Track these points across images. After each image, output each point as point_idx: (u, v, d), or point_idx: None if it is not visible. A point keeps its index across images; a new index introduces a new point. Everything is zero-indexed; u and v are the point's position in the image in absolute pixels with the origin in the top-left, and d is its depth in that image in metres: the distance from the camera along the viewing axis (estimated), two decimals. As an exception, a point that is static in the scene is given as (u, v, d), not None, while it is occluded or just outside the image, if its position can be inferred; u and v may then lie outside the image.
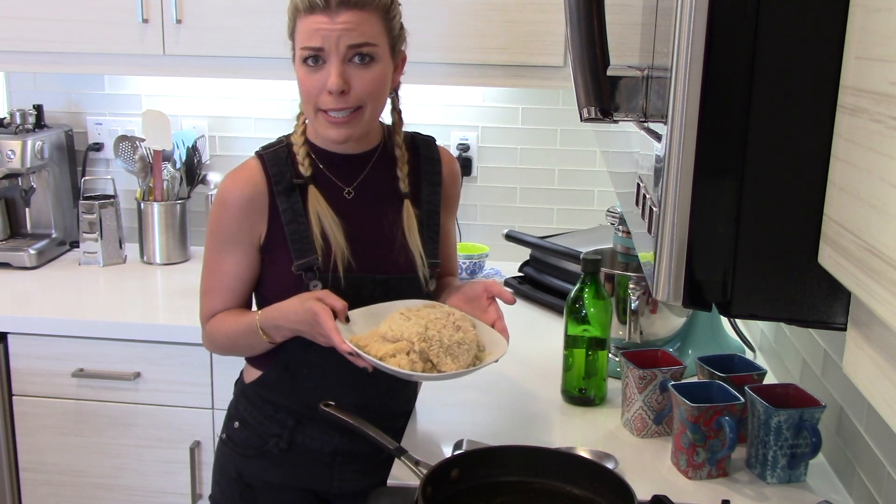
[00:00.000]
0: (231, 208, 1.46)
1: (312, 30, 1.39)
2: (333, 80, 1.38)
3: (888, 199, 0.46)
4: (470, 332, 1.42)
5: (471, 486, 1.26)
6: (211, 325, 1.53)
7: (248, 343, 1.49)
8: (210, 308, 1.53)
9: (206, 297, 1.54)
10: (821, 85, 0.56)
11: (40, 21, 2.25)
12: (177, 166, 2.53)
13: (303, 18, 1.40)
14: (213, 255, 1.51)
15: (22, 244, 2.49)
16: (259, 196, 1.45)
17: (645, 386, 1.52)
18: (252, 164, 1.48)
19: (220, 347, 1.56)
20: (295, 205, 1.46)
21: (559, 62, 2.14)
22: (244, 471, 1.55)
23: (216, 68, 2.25)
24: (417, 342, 1.34)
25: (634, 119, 0.84)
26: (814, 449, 1.37)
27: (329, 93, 1.39)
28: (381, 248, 1.49)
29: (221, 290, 1.51)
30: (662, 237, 0.62)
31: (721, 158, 0.60)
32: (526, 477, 1.29)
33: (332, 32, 1.38)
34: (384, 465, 1.43)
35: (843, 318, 0.59)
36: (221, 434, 1.60)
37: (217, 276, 1.51)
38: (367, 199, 1.51)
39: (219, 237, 1.49)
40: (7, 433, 2.15)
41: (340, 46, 1.38)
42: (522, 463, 1.29)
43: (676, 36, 0.59)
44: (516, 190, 2.60)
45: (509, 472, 1.29)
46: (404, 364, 1.32)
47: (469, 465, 1.27)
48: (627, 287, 1.69)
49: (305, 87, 1.42)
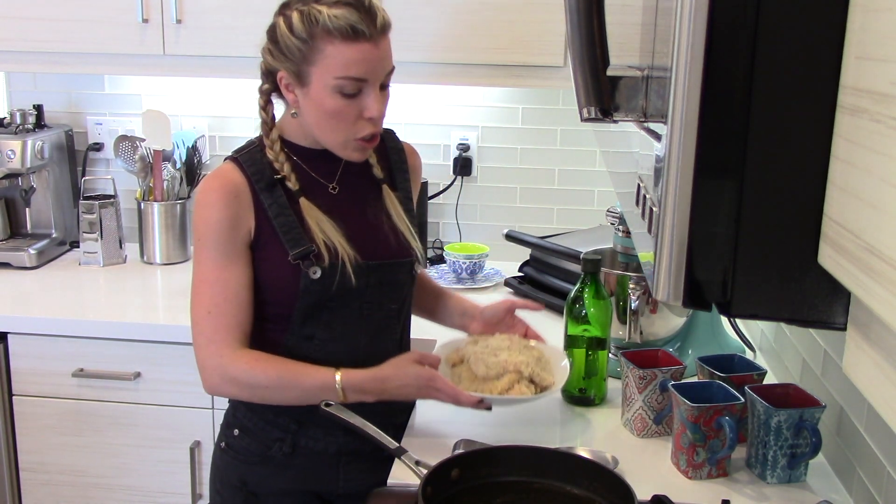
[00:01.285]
0: (216, 207, 1.40)
1: (357, 59, 1.33)
2: (378, 108, 1.37)
3: (888, 199, 0.46)
4: (533, 347, 1.56)
5: (471, 486, 1.27)
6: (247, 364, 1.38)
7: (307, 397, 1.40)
8: (221, 329, 1.39)
9: (209, 317, 1.39)
10: (821, 85, 0.56)
11: (40, 21, 2.25)
12: (177, 166, 2.53)
13: (340, 45, 1.32)
14: (208, 264, 1.40)
15: (22, 244, 2.49)
16: (242, 192, 1.41)
17: (645, 386, 1.52)
18: (227, 167, 1.44)
19: (252, 389, 1.40)
20: (279, 198, 1.42)
21: (559, 62, 2.14)
22: (248, 478, 1.52)
23: (216, 68, 2.25)
24: (525, 369, 1.47)
25: (634, 119, 0.84)
26: (814, 449, 1.37)
27: (369, 119, 1.37)
28: (371, 235, 1.49)
29: (230, 304, 1.39)
30: (662, 237, 0.62)
31: (721, 158, 0.60)
32: (526, 477, 1.29)
33: (377, 62, 1.34)
34: (389, 463, 1.43)
35: (843, 318, 0.59)
36: (219, 443, 1.56)
37: (221, 287, 1.39)
38: (350, 190, 1.50)
39: (211, 243, 1.40)
40: (7, 433, 2.15)
41: (380, 74, 1.36)
42: (522, 463, 1.29)
43: (676, 36, 0.59)
44: (516, 190, 2.60)
45: (509, 472, 1.29)
46: (526, 391, 1.45)
47: (469, 465, 1.28)
48: (627, 287, 1.69)
49: (341, 116, 1.37)
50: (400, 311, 1.55)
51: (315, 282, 1.43)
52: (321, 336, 1.47)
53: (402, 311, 1.56)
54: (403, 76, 1.58)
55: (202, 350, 1.41)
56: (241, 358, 1.40)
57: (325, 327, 1.47)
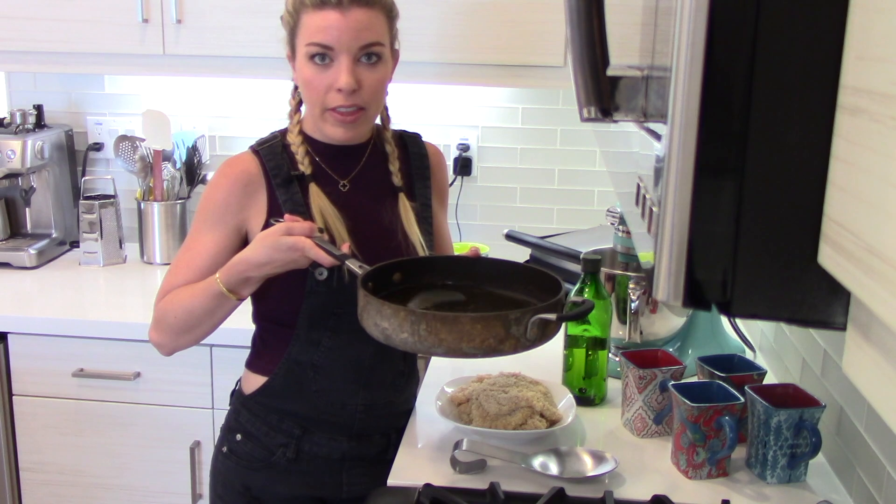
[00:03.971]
0: (223, 187, 1.44)
1: (323, 26, 1.36)
2: (346, 79, 1.37)
3: (888, 199, 0.46)
4: (539, 383, 1.62)
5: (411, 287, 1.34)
6: (162, 304, 1.45)
7: (207, 309, 1.41)
8: (169, 285, 1.46)
9: (169, 275, 1.47)
10: (821, 85, 0.56)
11: (40, 21, 2.25)
12: (177, 166, 2.53)
13: (310, 14, 1.37)
14: (192, 234, 1.47)
15: (22, 244, 2.49)
16: (254, 183, 1.44)
17: (645, 386, 1.52)
18: (246, 156, 1.47)
19: (171, 327, 1.45)
20: (294, 196, 1.44)
21: (559, 62, 2.14)
22: (251, 484, 1.52)
23: (216, 68, 2.25)
24: (536, 403, 1.52)
25: (634, 119, 0.84)
26: (814, 449, 1.37)
27: (338, 91, 1.38)
28: (382, 240, 1.48)
29: (188, 268, 1.45)
30: (662, 237, 0.62)
31: (721, 158, 0.60)
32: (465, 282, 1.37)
33: (345, 30, 1.36)
34: (391, 466, 1.43)
35: (843, 318, 0.59)
36: (221, 447, 1.55)
37: (188, 254, 1.46)
38: (362, 191, 1.50)
39: (201, 215, 1.46)
40: (7, 433, 2.15)
41: (352, 45, 1.37)
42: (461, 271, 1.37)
43: (676, 36, 0.59)
44: (516, 190, 2.60)
45: (449, 277, 1.37)
46: (540, 425, 1.49)
47: (410, 270, 1.36)
48: (627, 287, 1.69)
49: (313, 85, 1.40)
50: None
51: (321, 283, 1.42)
52: (327, 343, 1.46)
53: None
54: (404, 76, 1.58)
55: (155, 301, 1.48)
56: (163, 301, 1.45)
57: (332, 334, 1.46)
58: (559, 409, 1.55)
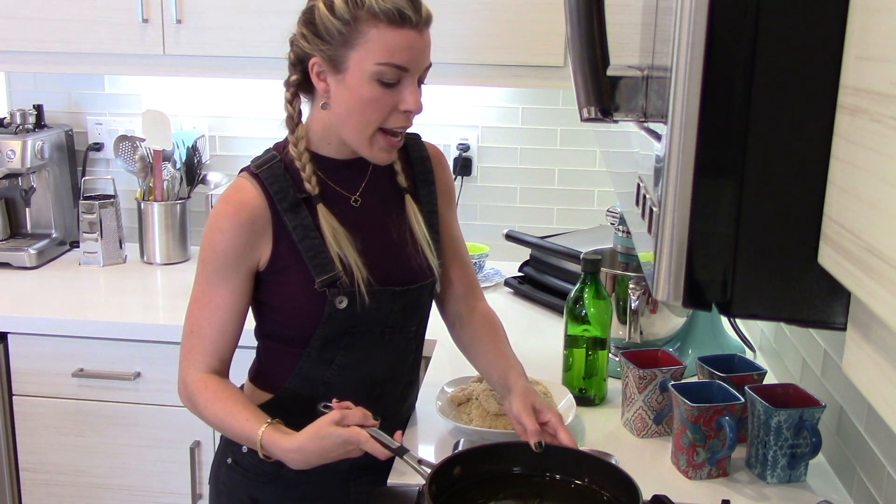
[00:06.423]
0: (227, 235, 1.34)
1: (403, 46, 1.27)
2: (416, 101, 1.30)
3: (888, 199, 0.46)
4: (539, 383, 1.60)
5: (473, 483, 1.27)
6: (198, 390, 1.36)
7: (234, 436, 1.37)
8: (196, 350, 1.38)
9: (191, 336, 1.38)
10: (821, 85, 0.56)
11: (40, 21, 2.25)
12: (177, 166, 2.53)
13: (385, 30, 1.26)
14: (204, 287, 1.37)
15: (22, 244, 2.49)
16: (259, 218, 1.34)
17: (645, 386, 1.52)
18: (246, 185, 1.35)
19: (199, 416, 1.39)
20: (304, 220, 1.35)
21: (559, 62, 2.14)
22: (258, 496, 1.47)
23: (216, 68, 2.25)
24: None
25: (634, 119, 0.84)
26: (814, 449, 1.38)
27: (405, 112, 1.32)
28: (393, 256, 1.43)
29: (212, 326, 1.37)
30: (662, 237, 0.62)
31: (721, 158, 0.60)
32: (528, 471, 1.30)
33: (420, 52, 1.29)
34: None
35: (843, 318, 0.59)
36: (225, 458, 1.50)
37: (207, 310, 1.37)
38: (372, 203, 1.44)
39: (211, 266, 1.36)
40: (7, 433, 2.15)
41: (421, 66, 1.31)
42: (523, 458, 1.29)
43: (676, 36, 0.59)
44: (516, 190, 2.60)
45: (510, 467, 1.30)
46: None
47: (471, 461, 1.28)
48: (627, 287, 1.69)
49: (377, 105, 1.30)
50: (418, 331, 1.50)
51: (340, 311, 1.37)
52: (340, 361, 1.42)
53: (419, 332, 1.51)
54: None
55: (180, 363, 1.40)
56: (199, 384, 1.37)
57: (346, 352, 1.42)
58: (559, 410, 1.55)
